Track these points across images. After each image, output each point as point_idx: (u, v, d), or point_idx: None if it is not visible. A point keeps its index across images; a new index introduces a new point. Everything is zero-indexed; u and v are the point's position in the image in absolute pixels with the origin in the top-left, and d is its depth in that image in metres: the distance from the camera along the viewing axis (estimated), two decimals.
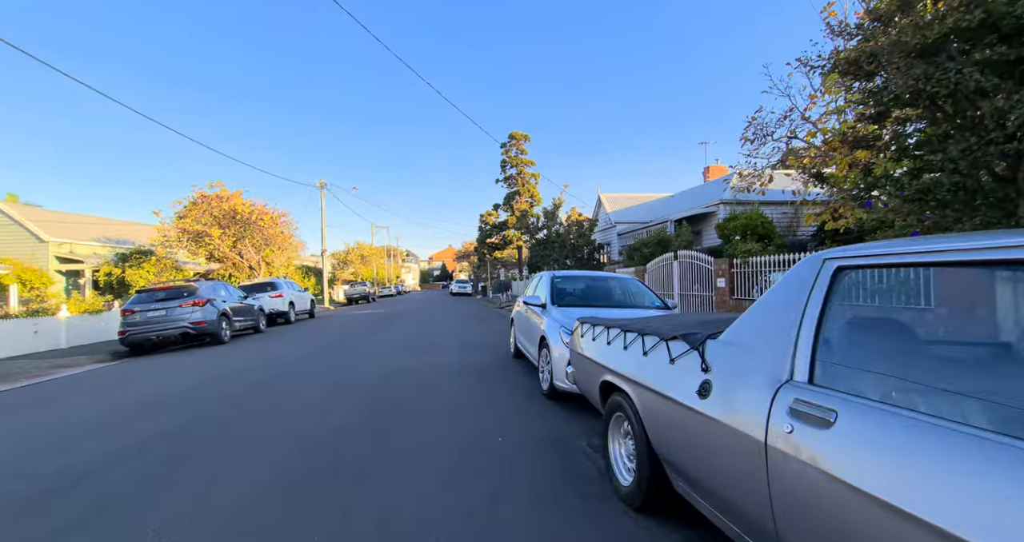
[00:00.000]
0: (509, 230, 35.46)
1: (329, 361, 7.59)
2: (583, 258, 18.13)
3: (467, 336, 10.62)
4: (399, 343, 9.69)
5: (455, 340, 9.87)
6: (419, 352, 8.12)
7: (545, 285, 5.88)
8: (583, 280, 6.15)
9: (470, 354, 7.88)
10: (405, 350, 8.56)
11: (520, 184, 34.67)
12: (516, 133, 34.58)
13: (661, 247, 13.27)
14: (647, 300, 5.55)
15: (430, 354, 7.91)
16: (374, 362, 7.24)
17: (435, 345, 9.16)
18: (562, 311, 5.04)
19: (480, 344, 9.17)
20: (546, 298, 5.50)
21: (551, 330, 4.68)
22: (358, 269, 45.72)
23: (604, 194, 20.00)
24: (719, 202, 13.72)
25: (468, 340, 9.91)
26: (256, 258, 19.37)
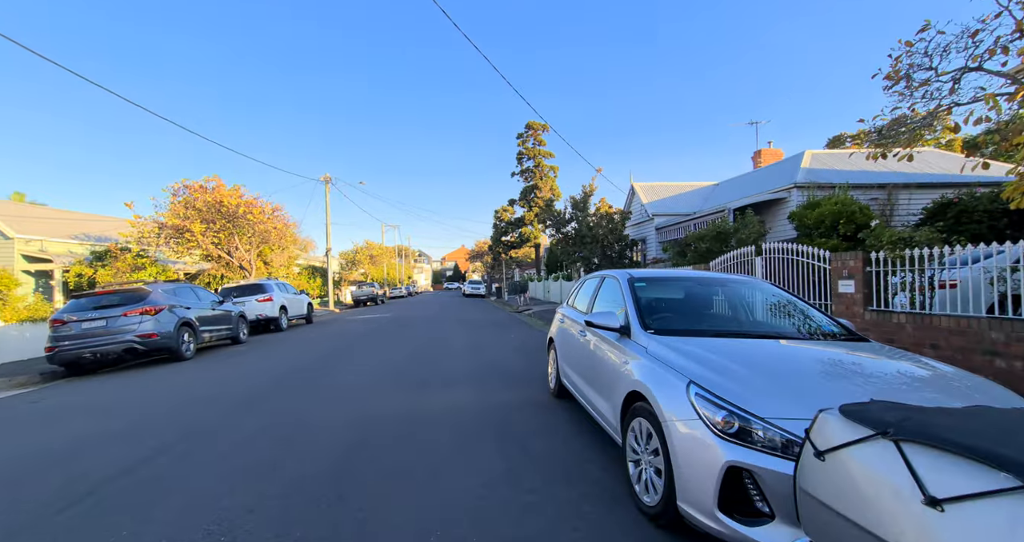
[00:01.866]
0: (526, 227, 33.16)
1: (282, 403, 5.37)
2: (613, 256, 15.73)
3: (484, 355, 8.34)
4: (394, 367, 7.45)
5: (468, 363, 7.60)
6: (417, 388, 5.85)
7: (618, 292, 3.57)
8: (680, 284, 3.76)
9: (490, 389, 5.59)
10: (399, 381, 6.31)
11: (538, 177, 32.36)
12: (533, 123, 32.30)
13: (720, 241, 10.81)
14: (806, 320, 3.16)
15: (432, 390, 5.63)
16: (347, 410, 5.00)
17: (441, 371, 6.90)
18: (667, 344, 2.70)
19: (502, 370, 6.87)
20: (627, 316, 3.17)
21: (663, 388, 2.33)
22: (367, 269, 43.93)
23: (638, 183, 17.56)
24: (792, 185, 11.20)
25: (486, 362, 7.63)
26: (248, 257, 17.42)
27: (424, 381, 6.12)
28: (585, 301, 4.41)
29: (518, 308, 21.77)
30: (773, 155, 17.34)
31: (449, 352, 8.66)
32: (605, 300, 3.88)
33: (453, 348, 9.14)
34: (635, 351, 2.83)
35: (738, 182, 15.57)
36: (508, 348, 9.01)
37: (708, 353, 2.46)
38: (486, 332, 12.05)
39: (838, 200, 9.59)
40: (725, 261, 8.63)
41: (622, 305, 3.39)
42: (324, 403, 5.07)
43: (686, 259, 11.08)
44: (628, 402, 2.72)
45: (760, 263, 7.59)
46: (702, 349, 2.53)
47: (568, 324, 4.59)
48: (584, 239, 13.14)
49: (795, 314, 3.21)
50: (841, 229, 9.24)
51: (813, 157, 12.50)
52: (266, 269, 22.26)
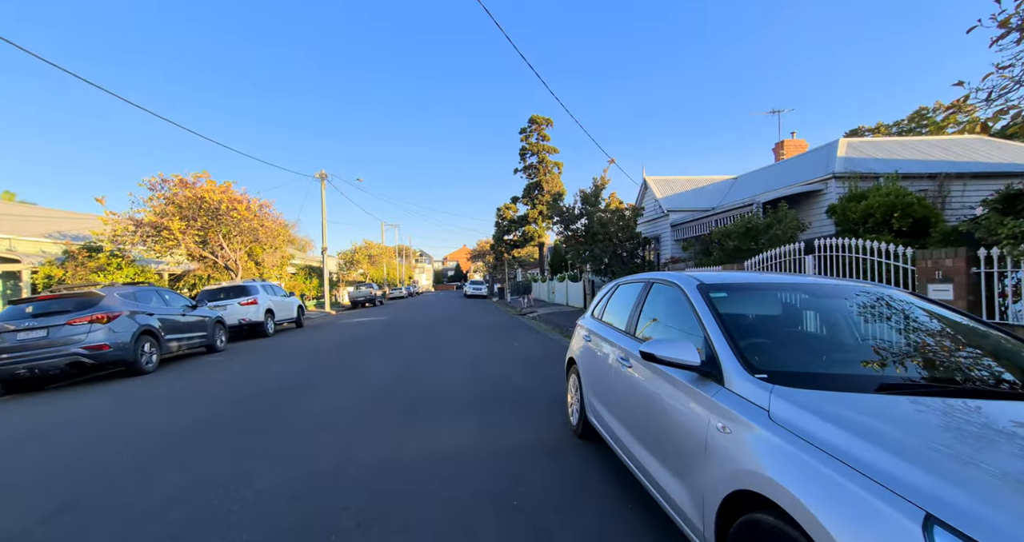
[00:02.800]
0: (529, 225, 32.04)
1: (224, 446, 4.24)
2: (624, 256, 14.58)
3: (486, 370, 7.21)
4: (379, 387, 6.32)
5: (467, 382, 6.46)
6: (402, 420, 4.71)
7: (681, 307, 2.41)
8: (782, 294, 2.53)
9: (493, 423, 4.45)
10: (381, 409, 5.18)
11: (542, 174, 31.21)
12: (537, 117, 31.15)
13: (749, 238, 9.64)
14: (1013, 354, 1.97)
15: (420, 425, 4.49)
16: (303, 461, 3.87)
17: (435, 393, 5.77)
18: (812, 406, 1.52)
19: (508, 392, 5.73)
20: (711, 348, 2.01)
21: (847, 514, 1.14)
22: (366, 270, 42.87)
23: (651, 177, 16.39)
24: (829, 176, 10.02)
25: (488, 380, 6.49)
26: (233, 256, 16.32)
27: (412, 408, 4.98)
28: (622, 315, 3.27)
29: (521, 310, 20.64)
30: (797, 147, 16.14)
31: (446, 365, 7.53)
32: (660, 318, 2.74)
33: (451, 360, 8.00)
34: (740, 411, 1.68)
35: (761, 175, 14.39)
36: (513, 360, 7.86)
37: (910, 434, 1.31)
38: (488, 339, 10.92)
39: (890, 191, 8.40)
40: (764, 261, 7.47)
41: (692, 327, 2.25)
42: (277, 447, 3.93)
43: (711, 258, 9.91)
44: (735, 501, 1.57)
45: (811, 262, 6.43)
46: (889, 422, 1.38)
47: (597, 344, 3.46)
48: (596, 236, 12.00)
49: (991, 345, 2.03)
50: (895, 224, 8.05)
51: (849, 145, 11.33)
52: (257, 270, 21.19)
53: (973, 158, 10.74)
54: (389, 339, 11.41)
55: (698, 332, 2.17)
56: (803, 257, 6.53)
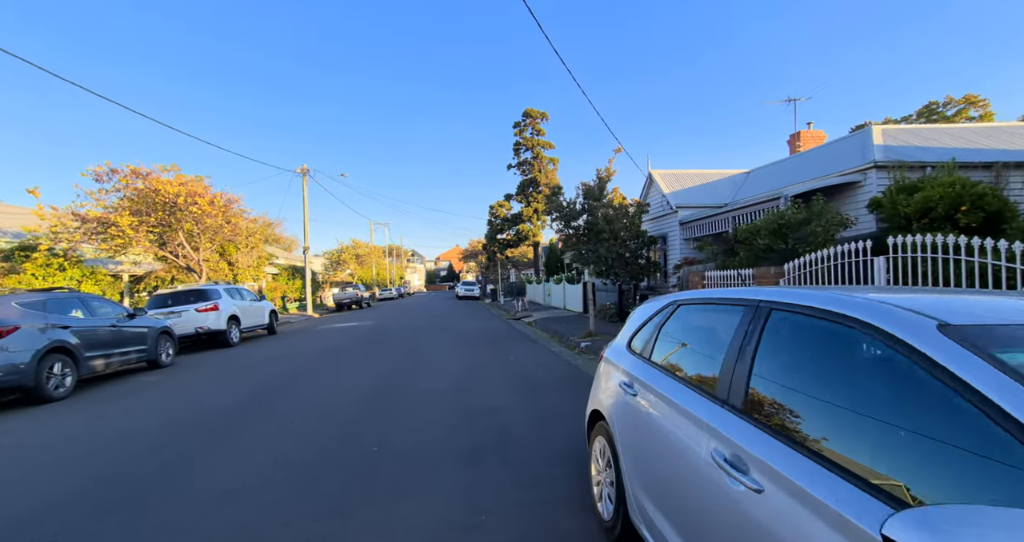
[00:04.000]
0: (524, 224, 30.67)
1: None
2: (626, 257, 13.26)
3: (474, 399, 5.82)
4: (338, 424, 4.91)
5: (450, 425, 5.07)
6: (355, 487, 3.35)
7: (948, 386, 1.01)
8: None
9: (480, 497, 3.07)
10: (328, 468, 3.78)
11: (536, 170, 29.85)
12: (532, 110, 29.79)
13: (779, 236, 8.35)
14: None
15: (377, 502, 3.11)
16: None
17: (406, 437, 4.38)
18: None
19: (502, 437, 4.35)
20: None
21: None
22: (354, 270, 41.22)
23: (657, 171, 15.10)
24: (870, 165, 8.76)
25: (476, 416, 5.11)
26: (196, 256, 14.72)
27: (371, 466, 3.58)
28: (703, 362, 1.94)
29: (515, 314, 19.28)
30: (815, 138, 14.94)
31: (426, 389, 6.11)
32: (810, 388, 1.38)
33: (432, 385, 6.59)
34: None
35: (778, 168, 13.15)
36: (508, 383, 6.47)
37: None
38: (479, 351, 9.51)
39: (954, 180, 7.14)
40: (810, 264, 6.16)
41: (955, 430, 0.88)
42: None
43: (738, 259, 8.60)
44: None
45: (882, 266, 5.12)
46: None
47: (652, 406, 2.08)
48: (601, 234, 10.67)
49: None
50: (962, 219, 6.78)
51: (884, 133, 10.10)
52: (230, 271, 19.59)
53: (1019, 145, 9.55)
54: (366, 351, 9.96)
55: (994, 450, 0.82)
56: (869, 259, 5.23)
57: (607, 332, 10.73)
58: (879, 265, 5.10)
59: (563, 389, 6.07)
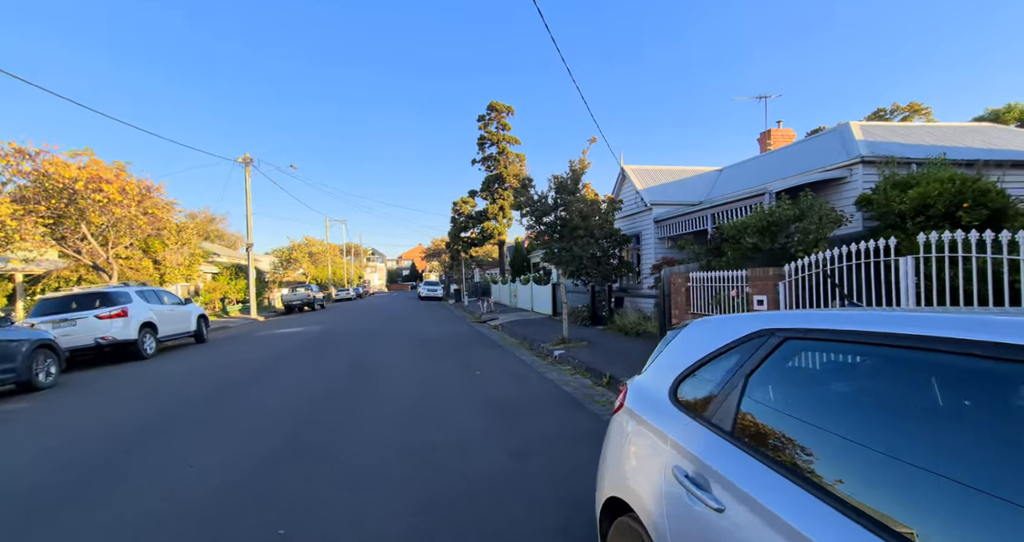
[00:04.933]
0: (489, 221, 29.55)
1: None
2: (598, 257, 12.48)
3: (431, 435, 4.70)
4: (243, 478, 3.63)
5: (396, 479, 3.92)
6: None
7: None
8: None
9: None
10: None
11: (502, 166, 28.82)
12: (497, 104, 28.72)
13: (767, 235, 7.73)
14: None
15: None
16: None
17: (334, 503, 3.18)
18: None
19: (474, 512, 3.25)
20: None
21: None
22: (307, 269, 38.55)
23: (630, 167, 14.42)
24: (856, 160, 8.33)
25: (432, 466, 3.99)
26: (104, 253, 12.56)
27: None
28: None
29: (481, 317, 18.16)
30: (784, 136, 14.78)
31: (371, 418, 4.89)
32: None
33: (381, 407, 5.36)
34: None
35: (754, 165, 12.76)
36: (476, 408, 5.36)
37: None
38: (441, 362, 8.32)
39: (952, 176, 6.70)
40: (815, 265, 5.44)
41: None
42: None
43: (725, 260, 7.90)
44: None
45: (910, 268, 4.42)
46: None
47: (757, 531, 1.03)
48: (576, 232, 9.77)
49: None
50: (964, 217, 6.32)
51: (863, 129, 9.78)
52: (155, 271, 17.25)
53: (994, 145, 9.48)
54: (306, 364, 8.52)
55: None
56: (893, 260, 4.54)
57: (582, 338, 9.84)
58: (906, 267, 4.40)
59: (542, 413, 5.03)
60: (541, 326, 13.09)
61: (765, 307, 6.12)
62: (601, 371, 6.70)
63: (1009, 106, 23.95)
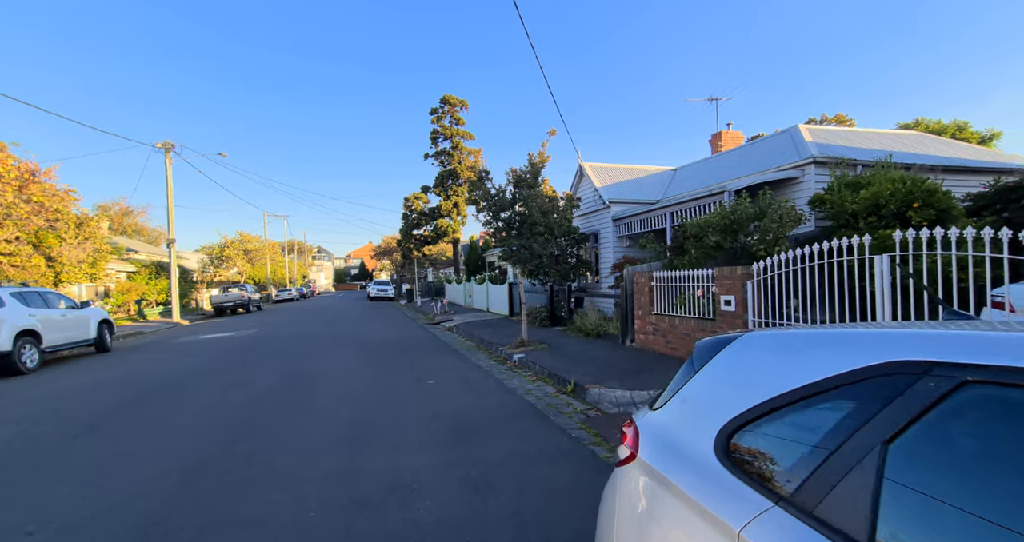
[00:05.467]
0: (443, 218, 28.57)
1: None
2: (556, 255, 12.14)
3: (378, 465, 3.98)
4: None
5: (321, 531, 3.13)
6: None
7: None
8: None
9: None
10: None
11: (456, 161, 27.95)
12: (450, 97, 27.81)
13: (728, 233, 7.63)
14: None
15: None
16: None
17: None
18: None
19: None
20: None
21: None
22: (242, 268, 35.49)
23: (588, 164, 14.18)
24: (808, 160, 8.47)
25: (379, 509, 3.26)
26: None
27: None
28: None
29: (434, 318, 17.28)
30: (734, 139, 15.20)
31: (302, 450, 4.07)
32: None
33: (316, 432, 4.53)
34: None
35: (709, 165, 12.93)
36: (430, 426, 4.67)
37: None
38: (389, 372, 7.49)
39: (902, 177, 6.87)
40: (789, 263, 5.27)
41: None
42: None
43: (690, 259, 7.70)
44: None
45: (886, 267, 4.27)
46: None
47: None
48: (535, 228, 9.26)
49: None
50: (914, 217, 6.48)
51: (811, 131, 10.07)
52: (48, 269, 14.82)
53: (927, 151, 10.09)
54: (228, 375, 7.36)
55: None
56: (867, 258, 4.39)
57: (541, 340, 9.36)
58: (882, 265, 4.25)
59: (504, 431, 4.44)
60: (498, 327, 12.51)
61: (733, 308, 5.91)
62: (565, 377, 6.23)
63: (917, 120, 26.45)
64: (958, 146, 11.28)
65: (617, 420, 4.70)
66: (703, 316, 6.50)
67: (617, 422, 4.62)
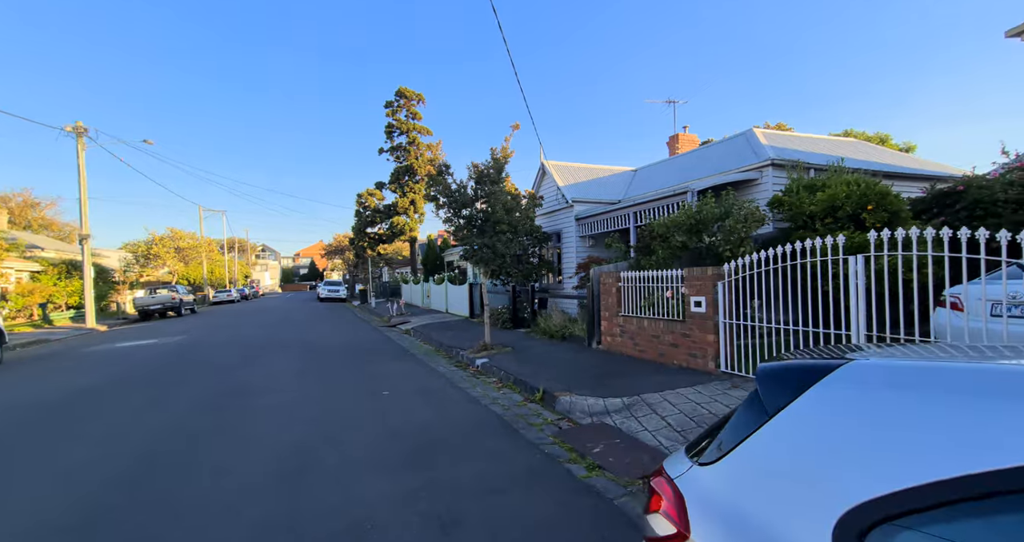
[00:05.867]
0: (399, 216, 27.49)
1: None
2: (519, 255, 11.81)
3: (326, 502, 3.36)
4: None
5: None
6: None
7: None
8: None
9: None
10: None
11: (413, 157, 26.99)
12: (406, 90, 26.83)
13: (694, 233, 7.59)
14: None
15: None
16: None
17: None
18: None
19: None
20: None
21: None
22: (174, 267, 32.39)
23: (551, 162, 13.93)
24: (767, 162, 8.63)
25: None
26: None
27: None
28: None
29: (390, 320, 16.42)
30: (690, 141, 15.54)
31: (227, 488, 3.40)
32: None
33: (246, 461, 3.85)
34: None
35: (668, 166, 13.07)
36: (384, 447, 4.12)
37: None
38: (339, 380, 6.78)
39: (857, 179, 7.08)
40: (760, 264, 5.18)
41: None
42: None
43: (656, 259, 7.58)
44: None
45: (861, 267, 4.22)
46: None
47: None
48: (499, 226, 8.82)
49: None
50: (868, 219, 6.67)
51: (765, 135, 10.35)
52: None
53: (869, 158, 10.66)
54: (140, 395, 6.35)
55: None
56: (842, 258, 4.33)
57: (505, 343, 8.95)
58: (856, 266, 4.19)
59: (470, 450, 3.97)
60: (459, 330, 11.97)
61: (703, 309, 5.78)
62: (532, 384, 5.85)
63: (847, 132, 28.64)
64: (894, 154, 12.08)
65: (591, 431, 4.37)
66: (672, 317, 6.35)
67: (591, 434, 4.30)
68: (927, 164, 11.20)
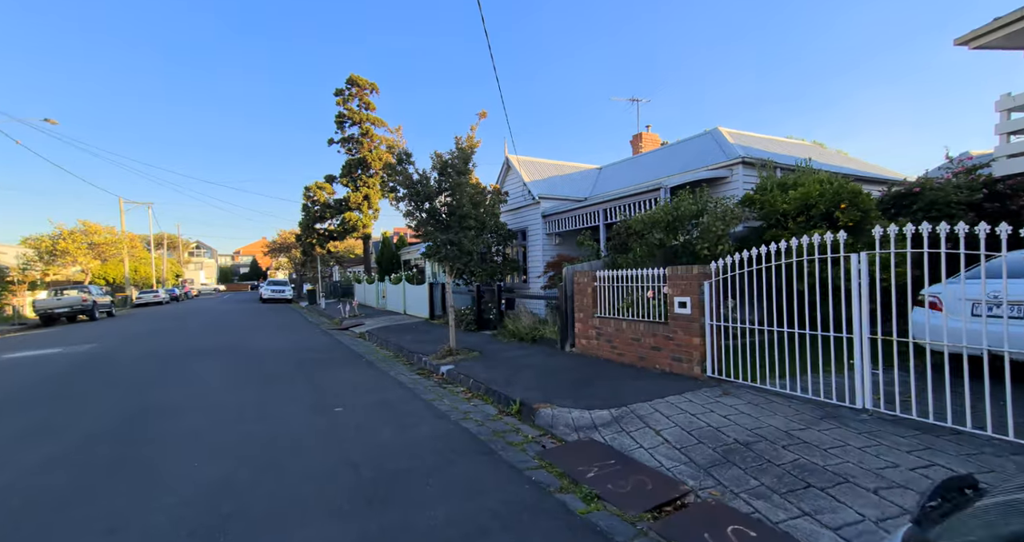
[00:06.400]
0: (351, 211, 25.91)
1: None
2: (484, 254, 11.19)
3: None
4: None
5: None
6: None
7: None
8: None
9: None
10: None
11: (366, 149, 25.56)
12: (358, 78, 25.39)
13: (671, 231, 7.31)
14: None
15: None
16: None
17: None
18: None
19: None
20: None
21: None
22: (88, 265, 28.71)
23: (516, 157, 13.37)
24: (737, 160, 8.55)
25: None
26: None
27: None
28: None
29: (342, 322, 15.22)
30: (652, 141, 15.58)
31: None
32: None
33: (149, 520, 2.97)
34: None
35: (635, 164, 12.93)
36: (337, 483, 3.37)
37: None
38: (282, 394, 5.82)
39: (829, 178, 7.08)
40: (752, 262, 4.88)
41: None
42: None
43: (635, 256, 7.22)
44: None
45: (862, 267, 3.99)
46: None
47: None
48: (465, 221, 8.14)
49: None
50: (841, 217, 6.66)
51: (731, 134, 10.38)
52: None
53: (825, 161, 10.99)
54: (26, 419, 5.10)
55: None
56: (843, 255, 4.09)
57: (471, 347, 8.29)
58: (859, 264, 3.95)
59: (443, 479, 3.31)
60: (419, 332, 11.14)
61: (688, 310, 5.44)
62: (506, 394, 5.26)
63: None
64: (849, 158, 12.62)
65: (579, 450, 3.85)
66: (654, 319, 5.99)
67: (580, 454, 3.77)
68: (879, 168, 11.76)
